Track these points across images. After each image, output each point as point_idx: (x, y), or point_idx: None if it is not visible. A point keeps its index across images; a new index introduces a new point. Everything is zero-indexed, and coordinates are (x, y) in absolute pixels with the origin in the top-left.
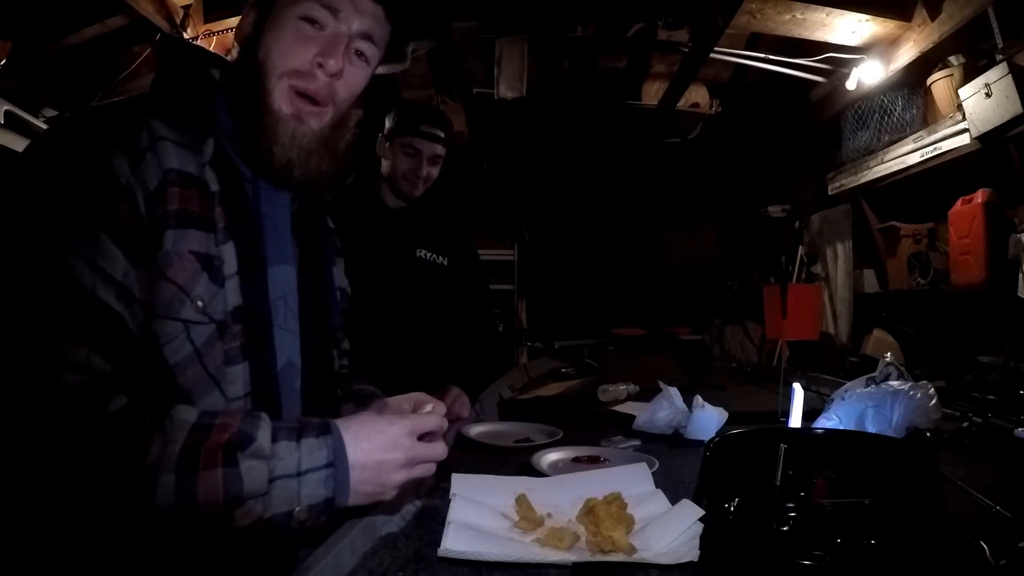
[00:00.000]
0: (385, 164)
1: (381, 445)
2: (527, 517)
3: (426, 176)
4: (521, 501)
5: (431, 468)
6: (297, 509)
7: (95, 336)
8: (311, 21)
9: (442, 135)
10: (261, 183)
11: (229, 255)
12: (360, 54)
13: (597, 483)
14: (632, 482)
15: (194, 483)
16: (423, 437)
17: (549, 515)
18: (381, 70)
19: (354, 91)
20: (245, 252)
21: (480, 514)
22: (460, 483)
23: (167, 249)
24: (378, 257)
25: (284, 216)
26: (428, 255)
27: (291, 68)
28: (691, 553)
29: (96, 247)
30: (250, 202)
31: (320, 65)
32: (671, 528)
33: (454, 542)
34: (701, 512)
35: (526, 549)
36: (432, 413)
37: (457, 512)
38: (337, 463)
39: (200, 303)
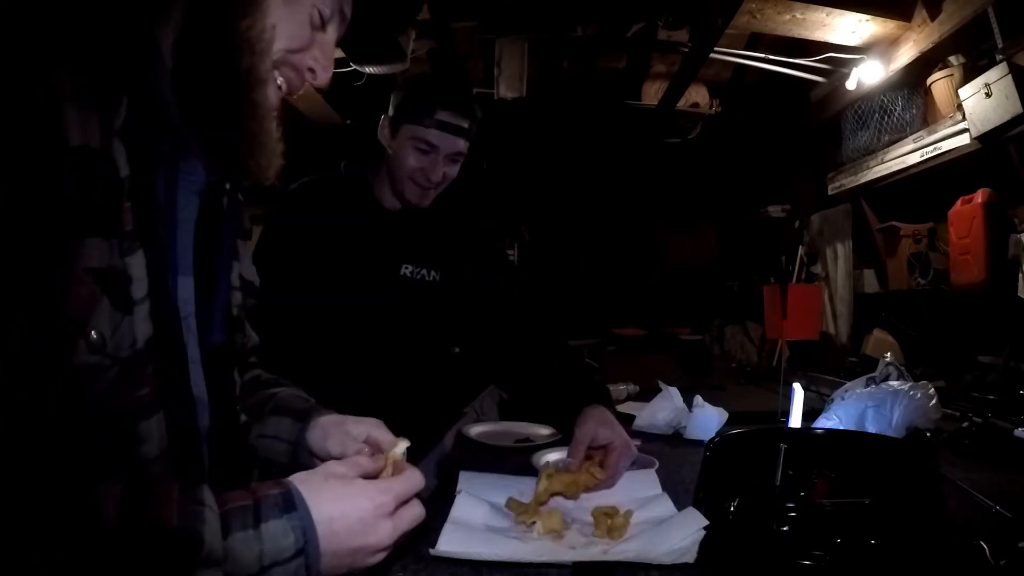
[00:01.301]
0: (389, 155)
1: (359, 530)
2: (522, 511)
3: (441, 179)
4: (512, 505)
5: (407, 538)
6: None
7: None
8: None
9: (467, 125)
10: (181, 161)
11: (138, 269)
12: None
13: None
14: (640, 487)
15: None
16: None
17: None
18: (379, 71)
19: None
20: (155, 263)
21: (483, 511)
22: (467, 480)
23: (53, 268)
24: (354, 275)
25: (194, 207)
26: (414, 271)
27: (285, 58)
28: (689, 555)
29: None
30: (162, 191)
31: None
32: (673, 534)
33: (448, 543)
34: (705, 521)
35: (521, 547)
36: (414, 471)
37: (459, 510)
38: (308, 549)
39: (97, 339)
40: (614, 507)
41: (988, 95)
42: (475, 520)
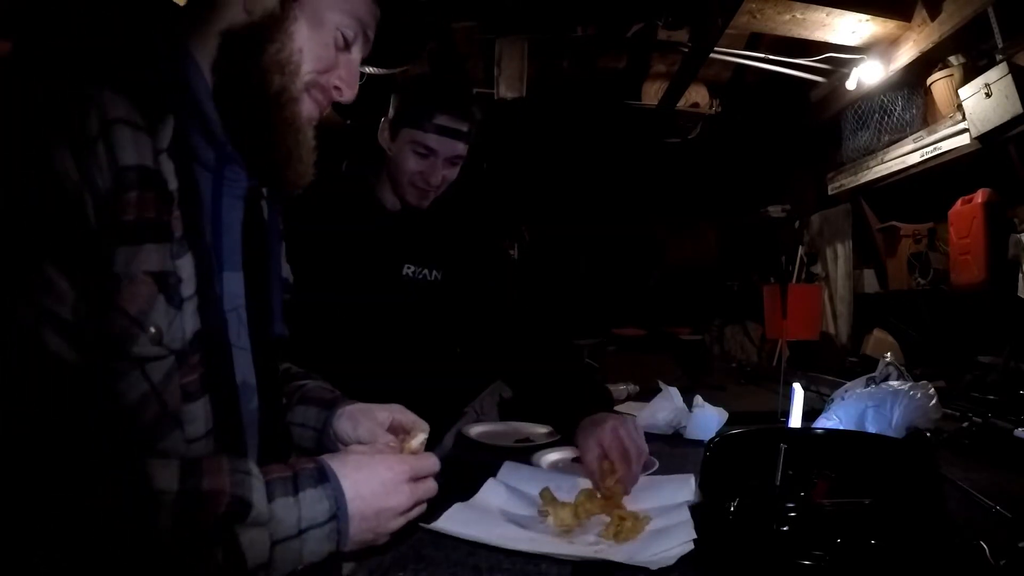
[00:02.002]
0: (389, 157)
1: (381, 492)
2: (550, 503)
3: (440, 182)
4: (544, 494)
5: (424, 508)
6: (300, 568)
7: (52, 403)
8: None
9: (466, 129)
10: (226, 169)
11: (187, 270)
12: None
13: (644, 489)
14: (671, 494)
15: (193, 569)
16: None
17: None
18: (380, 71)
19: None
20: (203, 264)
21: (504, 498)
22: (508, 470)
23: (117, 271)
24: (357, 275)
25: (239, 210)
26: (416, 271)
27: (314, 81)
28: (669, 561)
29: (39, 280)
30: (207, 198)
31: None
32: (661, 542)
33: (446, 520)
34: (694, 535)
35: (519, 534)
36: (430, 455)
37: (483, 493)
38: (339, 514)
39: (155, 332)
40: (634, 513)
41: (988, 95)
42: (493, 504)
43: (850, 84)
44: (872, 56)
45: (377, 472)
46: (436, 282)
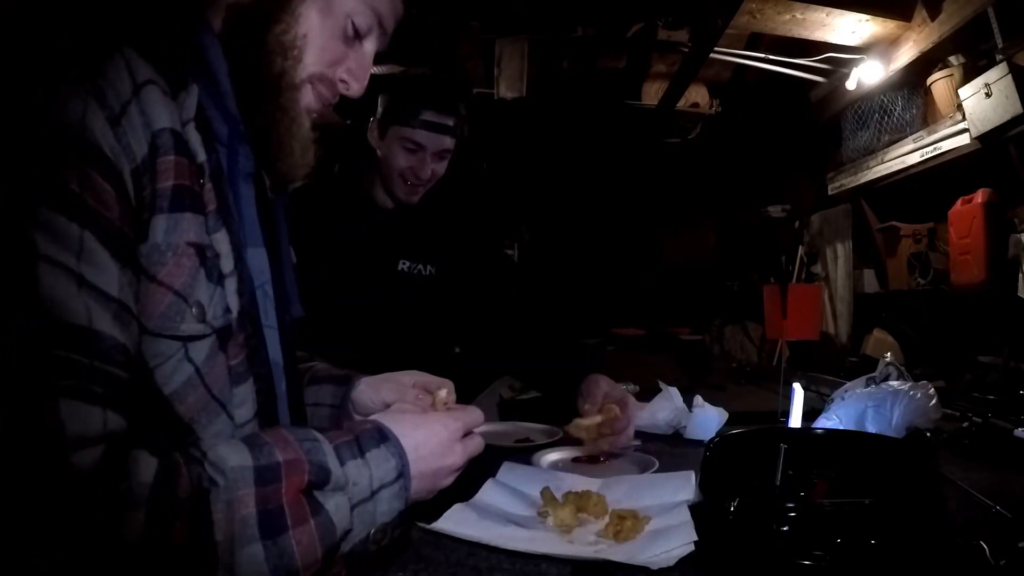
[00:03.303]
0: (379, 155)
1: (439, 452)
2: (550, 502)
3: (430, 176)
4: (545, 494)
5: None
6: (373, 531)
7: (103, 384)
8: (355, 30)
9: (452, 123)
10: (237, 144)
11: (224, 246)
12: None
13: (645, 487)
14: (671, 492)
15: (289, 546)
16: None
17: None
18: (382, 70)
19: None
20: (236, 240)
21: (505, 498)
22: (507, 470)
23: (157, 241)
24: (354, 269)
25: (251, 187)
26: (411, 266)
27: (319, 72)
28: (669, 562)
29: (80, 253)
30: (227, 173)
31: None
32: (661, 544)
33: (446, 520)
34: (695, 537)
35: (519, 534)
36: (473, 408)
37: (484, 494)
38: (404, 471)
39: (198, 310)
40: (633, 511)
41: (988, 95)
42: (493, 504)
43: (850, 84)
44: (872, 56)
45: (434, 431)
46: (431, 277)
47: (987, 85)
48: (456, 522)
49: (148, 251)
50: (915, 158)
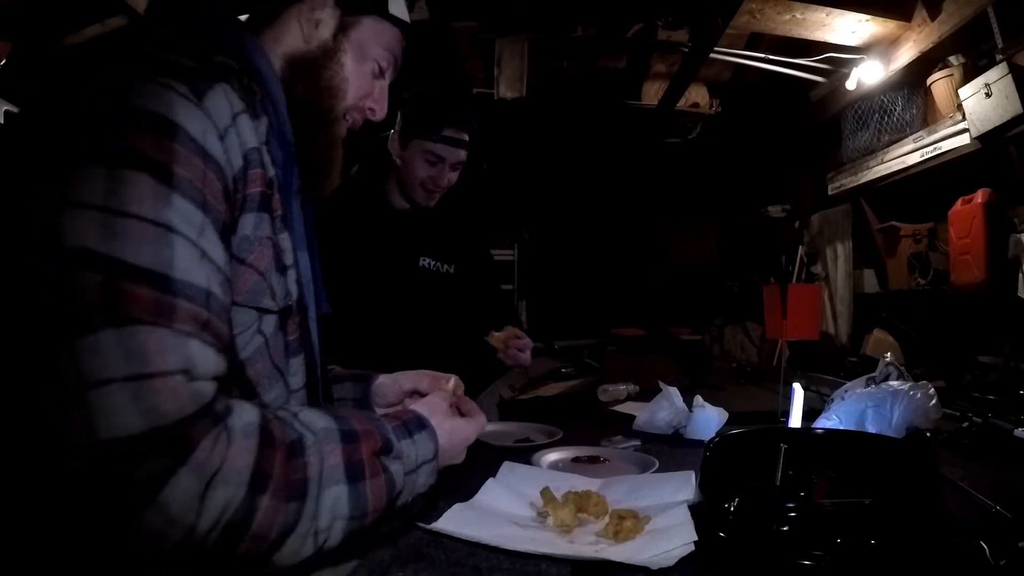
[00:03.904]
0: (397, 163)
1: (459, 444)
2: (550, 501)
3: (446, 184)
4: (545, 494)
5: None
6: (411, 499)
7: (216, 337)
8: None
9: (467, 138)
10: (293, 169)
11: (286, 243)
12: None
13: (645, 487)
14: (670, 492)
15: (365, 493)
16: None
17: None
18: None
19: None
20: (293, 241)
21: (507, 498)
22: (507, 470)
23: (247, 234)
24: (378, 266)
25: (298, 201)
26: (432, 264)
27: (353, 104)
28: (669, 561)
29: (202, 233)
30: (286, 188)
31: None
32: (661, 543)
33: (446, 520)
34: (695, 536)
35: (520, 534)
36: (479, 417)
37: (484, 494)
38: (438, 453)
39: (271, 291)
40: (633, 511)
41: (988, 95)
42: (492, 504)
43: (850, 84)
44: (872, 56)
45: (458, 426)
46: (449, 275)
47: (987, 85)
48: (456, 522)
49: (239, 241)
50: (915, 158)
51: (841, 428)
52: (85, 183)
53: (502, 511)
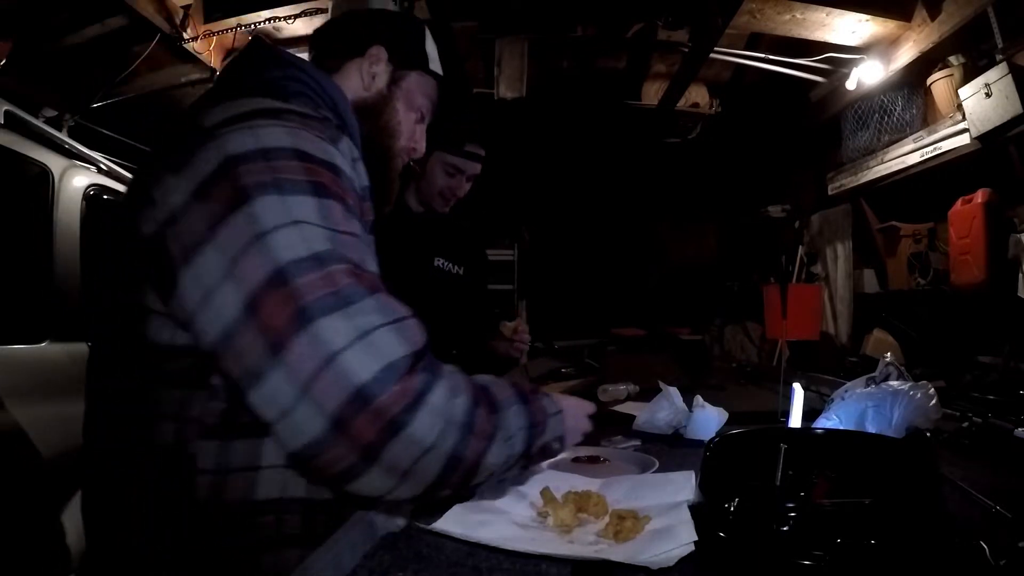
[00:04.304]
0: (417, 170)
1: (583, 424)
2: (549, 501)
3: (462, 195)
4: (545, 494)
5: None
6: (549, 441)
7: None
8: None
9: (483, 153)
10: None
11: (372, 247)
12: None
13: (645, 487)
14: (671, 492)
15: (531, 409)
16: None
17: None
18: None
19: None
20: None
21: (508, 499)
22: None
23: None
24: (395, 264)
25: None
26: (445, 264)
27: (404, 144)
28: (669, 561)
29: (358, 230)
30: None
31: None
32: (662, 544)
33: (446, 521)
34: (695, 536)
35: (520, 534)
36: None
37: (483, 494)
38: (563, 416)
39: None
40: (633, 511)
41: (988, 95)
42: (492, 505)
43: (850, 84)
44: (872, 56)
45: (579, 406)
46: (459, 276)
47: (987, 85)
48: (456, 522)
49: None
50: (915, 158)
51: (841, 428)
52: (303, 207)
53: (502, 511)
